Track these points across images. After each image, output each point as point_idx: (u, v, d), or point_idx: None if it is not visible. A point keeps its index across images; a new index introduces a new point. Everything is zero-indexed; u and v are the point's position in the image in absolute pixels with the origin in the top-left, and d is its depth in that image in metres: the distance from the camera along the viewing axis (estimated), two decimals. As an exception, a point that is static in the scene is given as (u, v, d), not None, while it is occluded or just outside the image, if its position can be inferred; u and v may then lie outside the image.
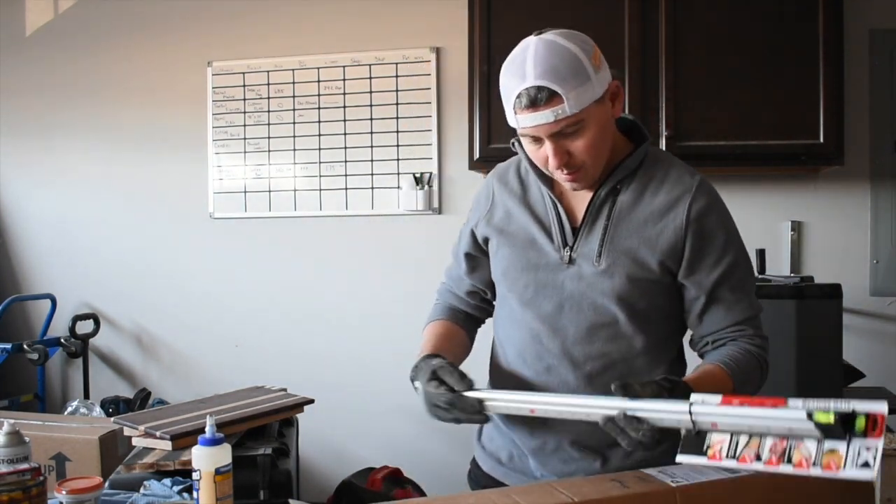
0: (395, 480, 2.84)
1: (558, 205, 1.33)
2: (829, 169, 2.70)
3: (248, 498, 1.56)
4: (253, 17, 3.30)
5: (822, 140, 2.48)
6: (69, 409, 3.05)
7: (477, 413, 1.19)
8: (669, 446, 1.27)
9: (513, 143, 1.39)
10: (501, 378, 1.41)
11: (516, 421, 1.37)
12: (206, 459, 1.28)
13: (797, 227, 2.83)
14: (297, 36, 3.26)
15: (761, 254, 2.52)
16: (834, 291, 2.08)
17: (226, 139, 3.34)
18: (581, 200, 1.33)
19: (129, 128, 3.45)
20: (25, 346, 3.22)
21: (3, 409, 3.16)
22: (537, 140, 1.24)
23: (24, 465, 1.29)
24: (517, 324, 1.36)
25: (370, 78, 3.19)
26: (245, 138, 3.32)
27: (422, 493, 2.78)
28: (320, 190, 3.26)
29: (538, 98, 1.17)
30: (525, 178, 1.40)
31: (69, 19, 3.51)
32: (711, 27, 2.54)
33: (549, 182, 1.35)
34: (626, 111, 2.68)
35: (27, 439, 1.37)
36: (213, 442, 1.29)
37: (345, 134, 3.22)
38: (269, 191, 3.31)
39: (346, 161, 3.22)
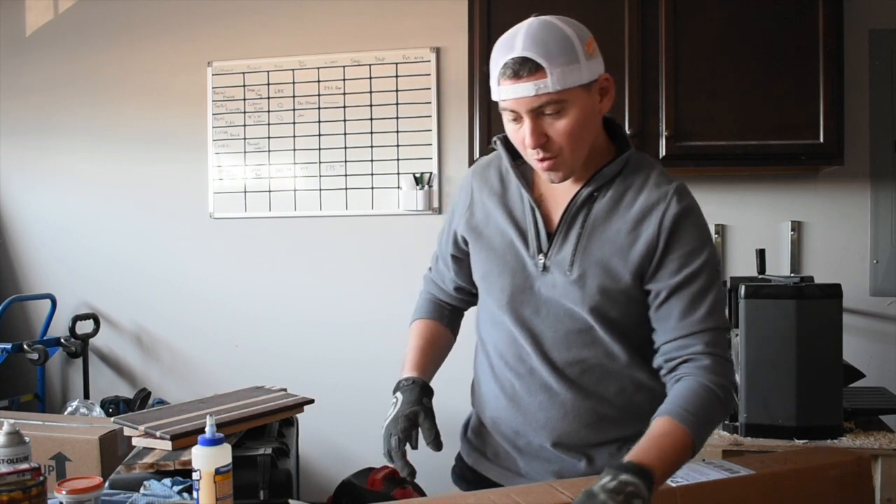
0: (395, 480, 2.84)
1: (536, 210, 1.30)
2: (829, 169, 2.70)
3: (248, 498, 1.57)
4: (253, 17, 3.30)
5: (822, 140, 2.48)
6: (69, 409, 3.05)
7: (408, 470, 1.23)
8: None
9: (494, 142, 1.38)
10: (485, 379, 1.40)
11: (499, 420, 1.37)
12: (206, 459, 1.28)
13: (797, 227, 2.83)
14: (297, 36, 3.26)
15: (761, 254, 2.52)
16: (834, 291, 2.07)
17: (226, 139, 3.34)
18: (558, 206, 1.31)
19: (129, 128, 3.45)
20: (25, 346, 3.22)
21: (3, 409, 3.16)
22: (517, 118, 1.21)
23: (24, 465, 1.29)
24: (497, 326, 1.36)
25: (370, 78, 3.18)
26: (245, 138, 3.32)
27: (422, 493, 2.77)
28: (320, 190, 3.26)
29: (521, 69, 1.16)
30: (505, 177, 1.37)
31: (69, 19, 3.51)
32: (711, 27, 2.54)
33: (528, 184, 1.33)
34: (627, 111, 2.69)
35: (27, 439, 1.37)
36: (213, 442, 1.29)
37: (345, 134, 3.22)
38: (269, 191, 3.31)
39: (346, 161, 3.22)
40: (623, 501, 0.98)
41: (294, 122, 3.27)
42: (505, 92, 1.19)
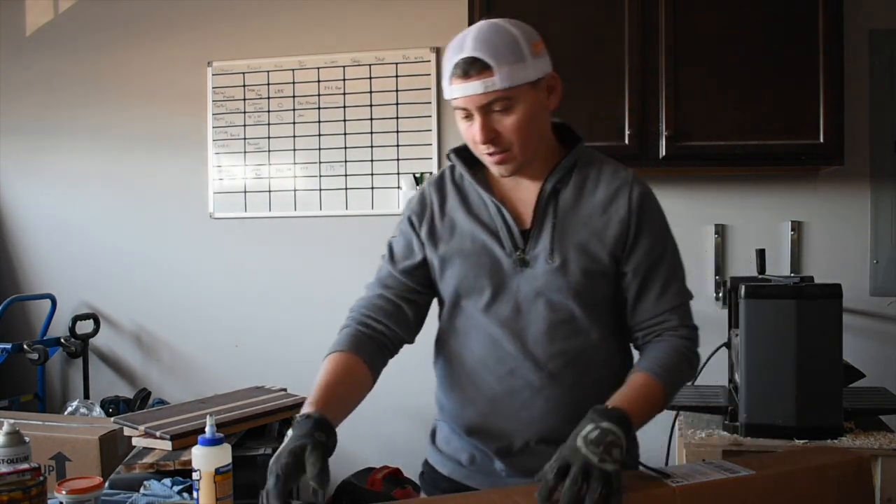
0: (395, 480, 2.85)
1: (503, 208, 1.33)
2: (829, 169, 2.69)
3: (248, 498, 1.56)
4: (253, 17, 3.30)
5: (822, 140, 2.48)
6: (69, 409, 3.05)
7: None
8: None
9: (448, 155, 1.40)
10: (459, 388, 1.39)
11: (479, 427, 1.36)
12: (206, 459, 1.28)
13: (797, 227, 2.83)
14: (297, 36, 3.26)
15: (761, 254, 2.52)
16: (834, 291, 2.07)
17: (226, 139, 3.34)
18: (524, 204, 1.35)
19: (129, 128, 3.45)
20: (25, 346, 3.22)
21: (3, 409, 3.16)
22: (469, 116, 1.26)
23: (24, 465, 1.29)
24: (476, 331, 1.35)
25: (370, 78, 3.18)
26: (245, 138, 3.32)
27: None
28: (320, 190, 3.26)
29: (471, 69, 1.21)
30: (462, 187, 1.39)
31: (69, 19, 3.51)
32: (711, 27, 2.54)
33: (488, 187, 1.35)
34: (627, 111, 2.69)
35: (27, 439, 1.37)
36: (213, 442, 1.29)
37: (345, 134, 3.22)
38: (269, 191, 3.31)
39: (346, 161, 3.22)
40: (603, 452, 1.05)
41: (294, 122, 3.27)
42: (455, 91, 1.24)
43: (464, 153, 1.38)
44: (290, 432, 1.14)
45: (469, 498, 1.17)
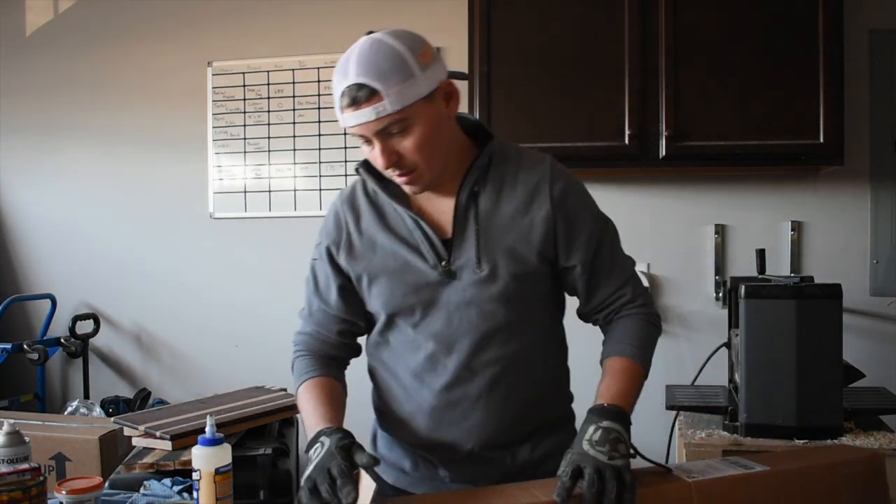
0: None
1: (421, 222, 1.29)
2: (829, 169, 2.70)
3: (248, 498, 1.57)
4: (253, 17, 3.30)
5: (822, 140, 2.48)
6: (69, 409, 3.05)
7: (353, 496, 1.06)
8: (566, 437, 1.31)
9: (356, 169, 1.35)
10: (397, 403, 1.37)
11: (420, 439, 1.35)
12: (206, 459, 1.28)
13: (797, 227, 2.83)
14: (297, 36, 3.26)
15: (761, 254, 2.52)
16: (834, 291, 2.07)
17: (226, 139, 3.34)
18: (442, 213, 1.30)
19: (129, 128, 3.45)
20: (25, 346, 3.22)
21: (3, 409, 3.16)
22: (369, 141, 1.21)
23: (24, 465, 1.29)
24: (411, 346, 1.33)
25: (370, 78, 3.18)
26: (245, 138, 3.32)
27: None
28: (320, 190, 3.26)
29: (358, 96, 1.16)
30: (375, 200, 1.35)
31: (69, 19, 3.51)
32: (711, 27, 2.54)
33: (404, 200, 1.31)
34: (627, 111, 2.68)
35: (27, 439, 1.37)
36: (213, 442, 1.29)
37: (344, 134, 3.22)
38: (269, 191, 3.31)
39: (346, 161, 3.22)
40: (610, 449, 1.08)
41: (294, 122, 3.27)
42: (347, 120, 1.19)
43: (373, 166, 1.30)
44: (324, 440, 1.15)
45: (486, 491, 1.17)
